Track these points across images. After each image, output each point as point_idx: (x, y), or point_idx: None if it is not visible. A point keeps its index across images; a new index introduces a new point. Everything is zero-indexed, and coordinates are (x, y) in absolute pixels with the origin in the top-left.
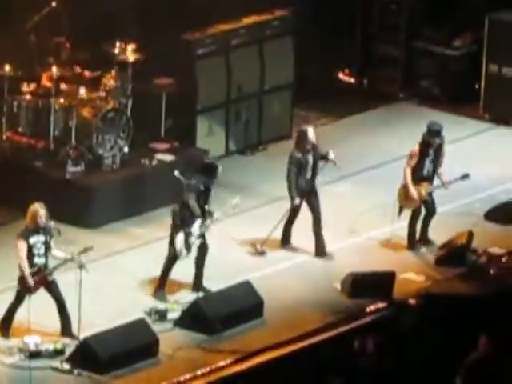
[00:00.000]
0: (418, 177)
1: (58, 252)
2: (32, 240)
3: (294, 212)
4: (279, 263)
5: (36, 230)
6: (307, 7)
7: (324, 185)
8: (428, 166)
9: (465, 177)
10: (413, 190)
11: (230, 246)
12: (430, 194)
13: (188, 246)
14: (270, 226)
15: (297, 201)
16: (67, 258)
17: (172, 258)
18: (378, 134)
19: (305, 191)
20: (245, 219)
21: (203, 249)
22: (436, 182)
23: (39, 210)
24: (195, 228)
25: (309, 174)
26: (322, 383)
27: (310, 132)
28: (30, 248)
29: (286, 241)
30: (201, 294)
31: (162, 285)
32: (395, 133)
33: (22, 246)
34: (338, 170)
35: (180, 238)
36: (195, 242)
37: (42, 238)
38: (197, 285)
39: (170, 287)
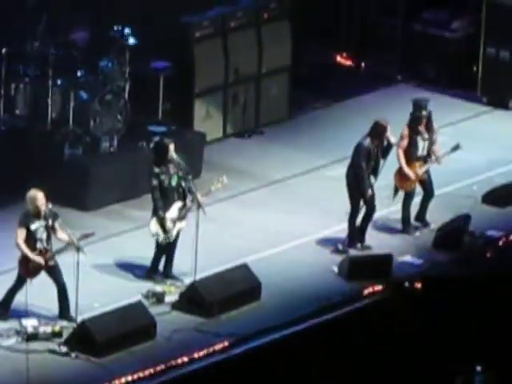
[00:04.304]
0: (414, 157)
1: (63, 235)
2: (33, 226)
3: (368, 205)
4: (277, 246)
5: (37, 215)
6: None
7: (320, 168)
8: (422, 145)
9: (456, 148)
10: (408, 171)
11: (226, 229)
12: (427, 173)
13: (165, 230)
14: (269, 209)
15: (369, 192)
16: (69, 242)
17: (159, 246)
18: (376, 116)
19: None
20: (242, 202)
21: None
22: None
23: (37, 194)
24: (173, 212)
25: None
26: (321, 366)
27: (389, 129)
28: (31, 233)
29: (361, 238)
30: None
31: (152, 271)
32: (393, 115)
33: (20, 233)
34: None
35: (153, 222)
36: (176, 226)
37: (43, 222)
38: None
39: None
